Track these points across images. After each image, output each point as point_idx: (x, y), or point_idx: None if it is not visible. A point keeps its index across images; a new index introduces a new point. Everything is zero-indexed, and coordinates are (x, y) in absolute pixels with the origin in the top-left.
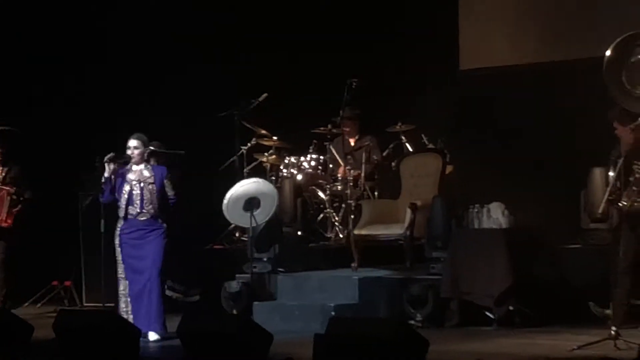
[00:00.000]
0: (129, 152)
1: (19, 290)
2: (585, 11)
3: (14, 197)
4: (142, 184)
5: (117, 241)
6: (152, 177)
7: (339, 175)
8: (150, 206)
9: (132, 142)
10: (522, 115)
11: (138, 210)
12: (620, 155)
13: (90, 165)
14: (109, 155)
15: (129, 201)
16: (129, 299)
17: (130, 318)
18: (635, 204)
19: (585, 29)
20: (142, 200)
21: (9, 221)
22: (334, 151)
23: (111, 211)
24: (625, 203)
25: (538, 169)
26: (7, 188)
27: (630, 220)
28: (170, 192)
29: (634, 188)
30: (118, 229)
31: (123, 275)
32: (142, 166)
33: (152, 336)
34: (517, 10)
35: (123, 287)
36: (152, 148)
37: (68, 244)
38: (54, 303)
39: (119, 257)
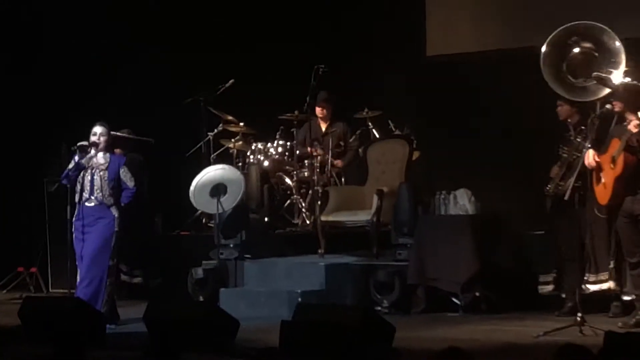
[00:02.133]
0: (94, 138)
1: None
2: None
3: None
4: (93, 170)
5: (73, 229)
6: (106, 165)
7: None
8: (100, 193)
9: (98, 129)
10: (489, 102)
11: (87, 196)
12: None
13: (55, 151)
14: (81, 143)
15: (82, 187)
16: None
17: None
18: (559, 187)
19: (555, 14)
20: (92, 186)
21: None
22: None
23: None
24: (549, 187)
25: (504, 155)
26: None
27: (558, 204)
28: (130, 183)
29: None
30: (74, 216)
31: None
32: (100, 154)
33: None
34: None
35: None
36: (121, 133)
37: (34, 230)
38: (19, 289)
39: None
